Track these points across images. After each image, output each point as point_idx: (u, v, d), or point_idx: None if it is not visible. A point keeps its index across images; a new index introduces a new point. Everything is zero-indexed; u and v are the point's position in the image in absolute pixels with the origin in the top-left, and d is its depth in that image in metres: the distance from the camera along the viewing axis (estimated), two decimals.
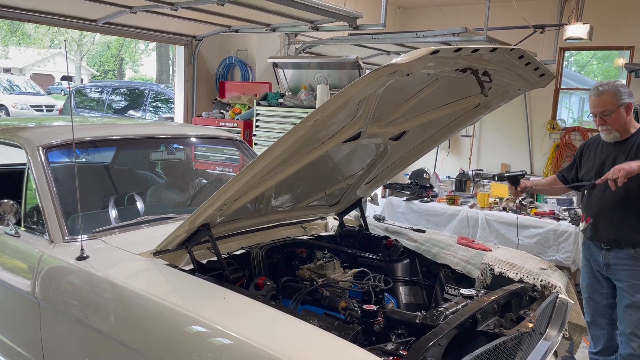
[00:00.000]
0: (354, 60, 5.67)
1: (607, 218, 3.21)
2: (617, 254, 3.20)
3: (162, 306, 1.91)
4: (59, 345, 2.37)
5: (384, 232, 3.08)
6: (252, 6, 4.95)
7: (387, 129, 2.42)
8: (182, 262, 2.34)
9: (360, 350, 1.64)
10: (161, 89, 11.52)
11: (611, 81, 3.20)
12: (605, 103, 3.13)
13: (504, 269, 2.61)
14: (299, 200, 2.77)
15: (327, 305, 2.21)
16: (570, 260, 4.67)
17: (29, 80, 21.36)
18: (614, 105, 3.11)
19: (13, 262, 2.63)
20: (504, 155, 8.38)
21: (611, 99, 3.11)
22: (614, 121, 3.14)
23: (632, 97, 3.16)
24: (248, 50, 6.93)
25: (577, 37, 6.33)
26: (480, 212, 5.19)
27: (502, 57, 2.08)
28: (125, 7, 5.12)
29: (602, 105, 3.14)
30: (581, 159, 3.45)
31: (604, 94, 3.13)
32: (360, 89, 1.80)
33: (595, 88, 3.18)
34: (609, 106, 3.12)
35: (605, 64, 10.34)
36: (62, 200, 2.54)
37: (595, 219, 3.27)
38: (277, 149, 1.91)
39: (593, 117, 3.25)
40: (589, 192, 3.35)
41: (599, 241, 3.28)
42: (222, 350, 1.74)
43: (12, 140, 2.84)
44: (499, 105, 2.60)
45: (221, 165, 4.99)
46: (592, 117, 3.26)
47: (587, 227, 3.32)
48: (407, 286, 2.82)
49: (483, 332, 1.98)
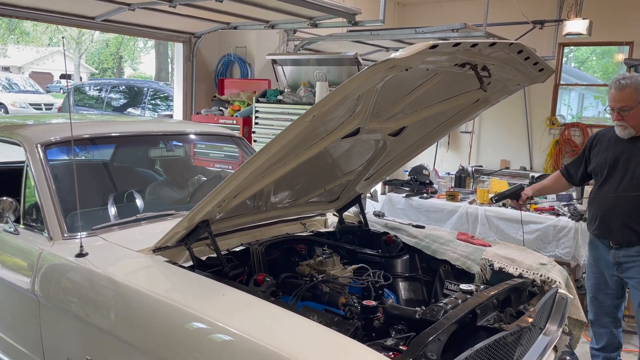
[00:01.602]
0: (353, 57, 5.65)
1: (619, 215, 3.10)
2: (627, 252, 3.12)
3: (162, 303, 1.91)
4: (58, 343, 2.37)
5: (383, 228, 3.08)
6: (250, 3, 4.94)
7: (386, 125, 2.41)
8: (182, 258, 2.34)
9: (360, 346, 1.64)
10: (160, 87, 11.52)
11: (635, 75, 3.02)
12: (625, 98, 2.97)
13: (504, 265, 2.60)
14: (298, 196, 2.77)
15: (326, 301, 2.21)
16: (570, 256, 4.67)
17: (28, 79, 21.33)
18: (634, 101, 2.96)
19: (12, 260, 2.63)
20: (504, 151, 8.37)
21: (632, 94, 2.95)
22: (631, 118, 3.00)
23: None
24: (247, 47, 6.92)
25: (576, 33, 6.32)
26: (480, 208, 5.18)
27: (501, 52, 2.08)
28: (124, 5, 5.10)
29: (622, 100, 2.98)
30: (590, 152, 3.30)
31: (625, 88, 2.96)
32: (359, 84, 1.79)
33: (617, 81, 3.00)
34: (629, 102, 2.96)
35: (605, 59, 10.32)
36: (61, 198, 2.54)
37: (605, 216, 3.16)
38: (276, 145, 1.91)
39: (610, 110, 3.09)
40: (599, 188, 3.22)
41: (608, 239, 3.19)
42: (222, 347, 1.73)
43: (11, 137, 2.84)
44: (498, 101, 2.59)
45: (220, 162, 4.98)
46: (610, 110, 3.10)
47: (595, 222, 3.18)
48: (407, 282, 2.82)
49: (483, 327, 1.99)
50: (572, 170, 3.42)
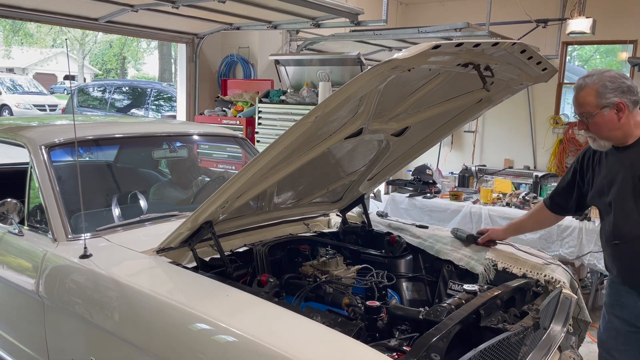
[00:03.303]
0: (355, 57, 5.66)
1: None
2: None
3: (166, 304, 1.92)
4: (63, 343, 2.38)
5: (386, 228, 3.07)
6: (253, 3, 4.95)
7: (389, 125, 2.41)
8: (185, 259, 2.34)
9: (363, 347, 1.64)
10: (163, 87, 11.53)
11: (602, 71, 2.28)
12: (582, 103, 2.28)
13: (507, 265, 2.60)
14: (301, 197, 2.77)
15: (330, 301, 2.21)
16: (574, 255, 4.66)
17: (32, 80, 21.42)
18: (594, 106, 2.24)
19: (17, 261, 2.63)
20: (507, 150, 8.35)
21: (590, 97, 2.24)
22: (595, 127, 2.28)
23: (629, 94, 2.24)
24: (250, 47, 6.92)
25: (580, 32, 6.30)
26: (484, 208, 5.18)
27: (504, 52, 2.07)
28: (127, 6, 5.12)
29: (580, 104, 2.29)
30: (584, 176, 2.52)
31: (583, 89, 2.27)
32: (361, 84, 1.79)
33: (578, 80, 2.33)
34: (588, 107, 2.26)
35: (609, 58, 10.29)
36: (65, 199, 2.55)
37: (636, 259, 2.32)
38: (279, 146, 1.91)
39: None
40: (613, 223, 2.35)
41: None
42: (225, 348, 1.74)
43: (15, 139, 2.85)
44: (501, 100, 2.58)
45: (224, 162, 4.98)
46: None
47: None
48: (410, 282, 2.82)
49: (487, 328, 1.98)
50: (560, 199, 2.67)
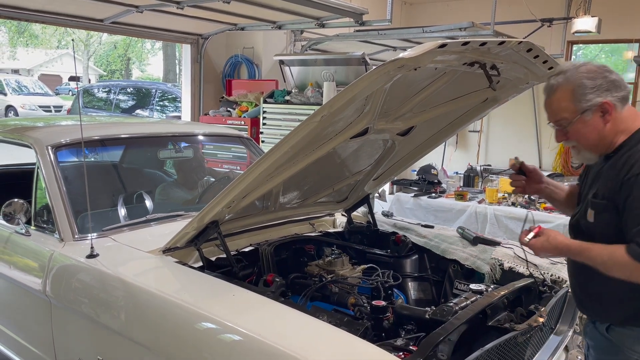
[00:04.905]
0: (360, 57, 5.66)
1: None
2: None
3: (172, 303, 1.92)
4: (70, 343, 2.39)
5: (392, 228, 3.07)
6: (257, 4, 4.95)
7: (395, 125, 2.41)
8: (191, 259, 2.35)
9: (370, 346, 1.64)
10: (168, 88, 11.56)
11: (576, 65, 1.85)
12: (556, 109, 1.86)
13: (514, 264, 2.59)
14: (306, 197, 2.77)
15: (336, 301, 2.21)
16: None
17: (37, 81, 21.49)
18: (571, 112, 1.82)
19: (24, 261, 2.65)
20: (512, 150, 8.28)
21: (565, 101, 1.82)
22: (576, 134, 1.85)
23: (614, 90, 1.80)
24: (254, 48, 6.93)
25: (585, 30, 6.28)
26: (489, 208, 5.17)
27: (510, 50, 2.07)
28: (132, 7, 5.14)
29: (553, 112, 1.87)
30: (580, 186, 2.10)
31: (556, 91, 1.85)
32: (367, 84, 1.79)
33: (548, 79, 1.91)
34: (564, 114, 1.83)
35: (614, 57, 10.24)
36: (72, 199, 2.56)
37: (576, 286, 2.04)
38: (285, 146, 1.91)
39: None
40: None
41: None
42: (232, 347, 1.74)
43: (22, 140, 2.86)
44: (507, 99, 2.57)
45: (229, 162, 4.99)
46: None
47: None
48: (416, 282, 2.81)
49: (493, 327, 1.98)
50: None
